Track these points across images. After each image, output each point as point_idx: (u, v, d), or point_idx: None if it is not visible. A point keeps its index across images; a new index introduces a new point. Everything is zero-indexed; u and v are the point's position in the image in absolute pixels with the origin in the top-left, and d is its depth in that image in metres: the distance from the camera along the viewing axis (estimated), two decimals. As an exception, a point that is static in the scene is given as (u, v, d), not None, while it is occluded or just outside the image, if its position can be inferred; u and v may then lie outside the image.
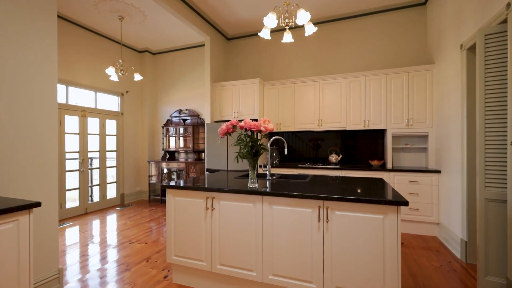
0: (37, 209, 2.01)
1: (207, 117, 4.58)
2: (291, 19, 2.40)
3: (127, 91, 5.48)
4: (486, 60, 2.01)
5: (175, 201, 2.20)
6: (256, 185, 2.04)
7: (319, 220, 1.74)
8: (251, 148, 1.93)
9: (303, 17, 2.21)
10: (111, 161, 5.27)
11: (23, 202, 1.51)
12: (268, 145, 2.47)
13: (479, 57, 2.05)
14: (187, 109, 5.49)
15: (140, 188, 5.86)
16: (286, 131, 4.38)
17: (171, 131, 5.49)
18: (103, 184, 5.02)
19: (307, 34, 2.43)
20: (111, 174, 5.32)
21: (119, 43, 5.27)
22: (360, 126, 3.89)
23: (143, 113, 5.82)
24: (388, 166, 3.71)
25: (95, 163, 5.02)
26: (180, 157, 5.64)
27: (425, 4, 3.86)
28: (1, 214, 1.36)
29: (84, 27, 4.57)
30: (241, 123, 1.96)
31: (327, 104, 4.08)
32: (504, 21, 1.98)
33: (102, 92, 5.00)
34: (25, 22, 1.98)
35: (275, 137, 2.62)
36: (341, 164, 4.10)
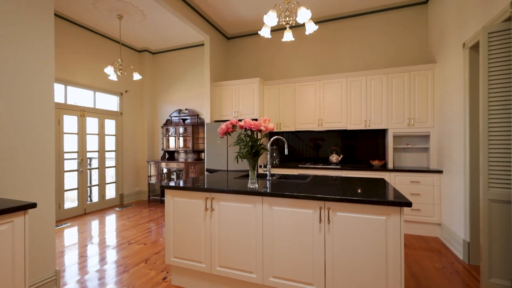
0: (33, 210, 1.98)
1: (206, 117, 4.55)
2: (292, 17, 2.37)
3: (126, 91, 5.45)
4: (490, 58, 1.97)
5: (174, 201, 2.17)
6: (256, 185, 2.01)
7: (320, 221, 1.71)
8: (251, 148, 1.90)
9: (303, 15, 2.18)
10: (110, 161, 5.23)
11: (18, 203, 1.48)
12: (268, 145, 2.44)
13: (483, 56, 2.01)
14: (186, 109, 5.46)
15: (140, 189, 5.82)
16: (286, 131, 4.35)
17: (170, 131, 5.46)
18: (102, 184, 4.99)
19: (307, 32, 2.40)
20: (110, 174, 5.29)
21: (119, 42, 5.24)
22: (361, 126, 3.86)
23: (142, 113, 5.79)
24: (389, 166, 3.68)
25: (94, 163, 4.99)
26: (179, 157, 5.61)
27: (426, 2, 3.83)
28: (-5, 216, 1.34)
29: (82, 26, 4.54)
30: (241, 122, 1.93)
31: (328, 104, 4.05)
32: (508, 19, 1.95)
33: (101, 91, 4.97)
34: (25, 22, 1.97)
35: (275, 137, 2.59)
36: (342, 164, 4.07)
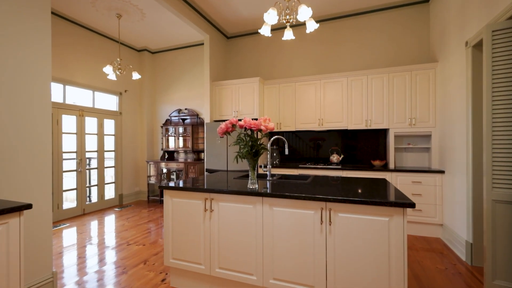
0: (30, 211, 1.95)
1: (206, 117, 4.52)
2: (292, 16, 2.34)
3: (125, 91, 5.42)
4: (493, 56, 1.94)
5: (172, 202, 2.14)
6: (256, 186, 1.98)
7: (321, 222, 1.68)
8: (251, 147, 1.87)
9: (304, 13, 2.15)
10: (109, 161, 5.20)
11: (13, 204, 1.45)
12: (269, 145, 2.41)
13: (486, 54, 1.98)
14: (186, 109, 5.43)
15: (139, 189, 5.79)
16: (287, 130, 4.32)
17: (170, 131, 5.42)
18: (101, 184, 4.96)
19: (308, 31, 2.36)
20: (110, 174, 5.26)
21: (118, 41, 5.21)
22: (362, 126, 3.83)
23: (142, 112, 5.76)
24: (391, 166, 3.65)
25: (93, 163, 4.96)
26: (179, 157, 5.58)
27: (427, 1, 3.80)
28: (-11, 217, 1.31)
29: (81, 25, 4.51)
30: (241, 122, 1.90)
31: (328, 103, 4.02)
32: (512, 17, 1.92)
33: (100, 91, 4.94)
34: (25, 22, 1.95)
35: (275, 136, 2.56)
36: (343, 164, 4.04)
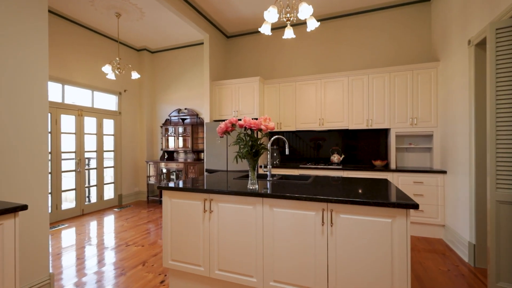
0: (26, 212, 1.92)
1: (206, 117, 4.49)
2: (293, 14, 2.31)
3: (125, 90, 5.39)
4: (497, 55, 1.91)
5: (171, 203, 2.11)
6: (256, 186, 1.95)
7: (322, 224, 1.65)
8: (251, 147, 1.84)
9: (305, 10, 2.11)
10: (108, 161, 5.17)
11: (8, 205, 1.42)
12: (269, 145, 2.38)
13: (490, 52, 1.95)
14: (186, 109, 5.39)
15: (138, 189, 5.76)
16: (287, 130, 4.29)
17: (170, 130, 5.39)
18: (100, 184, 4.93)
19: (309, 29, 2.33)
20: (109, 174, 5.23)
21: (117, 41, 5.18)
22: (363, 126, 3.80)
23: (141, 112, 5.73)
24: (392, 166, 3.62)
25: (92, 163, 4.93)
26: (179, 157, 5.55)
27: (429, 0, 3.77)
28: (-18, 218, 1.28)
29: (80, 25, 4.48)
30: (241, 121, 1.87)
31: (329, 103, 3.98)
32: (517, 14, 1.89)
33: (99, 91, 4.91)
34: (26, 22, 1.94)
35: (275, 136, 2.53)
36: (344, 165, 4.00)
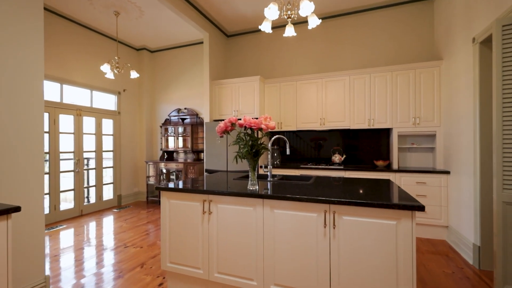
0: (20, 214, 1.88)
1: (206, 116, 4.44)
2: (294, 11, 2.26)
3: (124, 90, 5.35)
4: (504, 52, 1.86)
5: (170, 204, 2.07)
6: (257, 187, 1.90)
7: (325, 226, 1.60)
8: (251, 147, 1.79)
9: (306, 7, 2.07)
10: (107, 162, 5.13)
11: (0, 207, 1.37)
12: (269, 145, 2.33)
13: (496, 49, 1.90)
14: (185, 108, 5.35)
15: (138, 189, 5.72)
16: (288, 130, 4.24)
17: (169, 130, 5.35)
18: (99, 185, 4.89)
19: (310, 27, 2.29)
20: (108, 174, 5.19)
21: (116, 40, 5.13)
22: (364, 125, 3.75)
23: (140, 112, 5.68)
24: (394, 166, 3.57)
25: (91, 163, 4.89)
26: (178, 157, 5.50)
27: (432, -2, 3.72)
28: (-28, 221, 1.23)
29: (79, 24, 4.44)
30: (241, 120, 1.82)
31: (330, 103, 3.94)
32: (524, 11, 1.84)
33: (98, 90, 4.87)
34: (25, 22, 1.92)
35: (276, 136, 2.49)
36: (345, 165, 3.95)
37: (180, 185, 2.12)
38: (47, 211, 4.05)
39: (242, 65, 4.95)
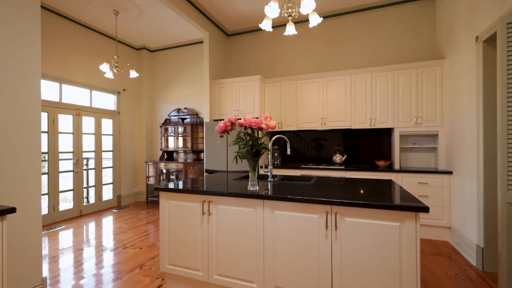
0: (17, 215, 1.85)
1: (206, 116, 4.41)
2: (294, 9, 2.23)
3: (123, 90, 5.32)
4: (508, 50, 1.83)
5: (168, 205, 2.04)
6: (257, 187, 1.87)
7: (326, 227, 1.57)
8: (251, 147, 1.76)
9: (307, 5, 2.03)
10: (107, 162, 5.10)
11: (-5, 208, 1.35)
12: (270, 145, 2.30)
13: (501, 47, 1.87)
14: (185, 108, 5.32)
15: (138, 189, 5.69)
16: (288, 130, 4.21)
17: (169, 130, 5.32)
18: (98, 185, 4.86)
19: (311, 25, 2.25)
20: (108, 175, 5.16)
21: (115, 39, 5.11)
22: (365, 125, 3.71)
23: (140, 112, 5.66)
24: (396, 166, 3.53)
25: (90, 163, 4.86)
26: (178, 157, 5.47)
27: (434, -4, 3.69)
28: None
29: (78, 22, 4.41)
30: (241, 120, 1.79)
31: (331, 102, 3.90)
32: (529, 8, 1.81)
33: (97, 90, 4.84)
34: (26, 22, 1.89)
35: (276, 136, 2.45)
36: (346, 165, 3.92)
37: (180, 186, 2.09)
38: (46, 211, 4.03)
39: (242, 64, 4.92)
